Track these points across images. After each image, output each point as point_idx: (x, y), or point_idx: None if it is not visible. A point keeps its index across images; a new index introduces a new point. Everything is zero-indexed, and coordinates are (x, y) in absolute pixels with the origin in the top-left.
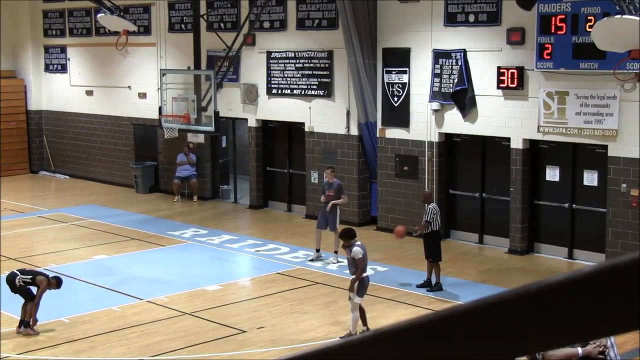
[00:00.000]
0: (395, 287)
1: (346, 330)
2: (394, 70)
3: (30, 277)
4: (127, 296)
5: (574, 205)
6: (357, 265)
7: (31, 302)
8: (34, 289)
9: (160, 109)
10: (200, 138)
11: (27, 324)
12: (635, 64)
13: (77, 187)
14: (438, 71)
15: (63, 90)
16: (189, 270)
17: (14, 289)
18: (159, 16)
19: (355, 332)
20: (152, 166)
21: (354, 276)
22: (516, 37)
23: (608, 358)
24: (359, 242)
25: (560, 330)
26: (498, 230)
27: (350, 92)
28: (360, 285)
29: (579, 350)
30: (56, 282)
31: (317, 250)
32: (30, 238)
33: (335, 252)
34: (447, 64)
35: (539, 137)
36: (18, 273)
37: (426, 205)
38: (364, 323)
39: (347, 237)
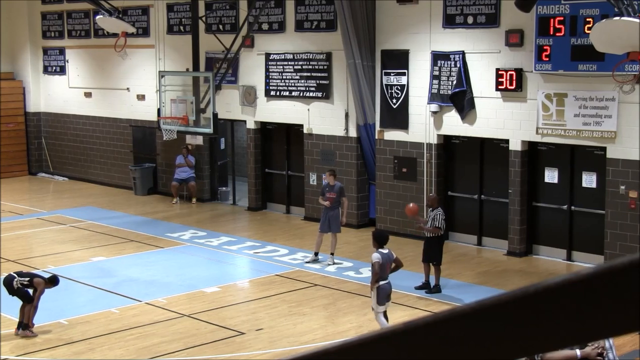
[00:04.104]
0: (393, 289)
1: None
2: (393, 72)
3: (28, 279)
4: (126, 298)
5: (572, 207)
6: (373, 271)
7: (29, 304)
8: (31, 291)
9: (158, 110)
10: (199, 140)
11: (25, 326)
12: (634, 65)
13: (75, 188)
14: (437, 73)
15: (62, 92)
16: (188, 272)
17: (12, 291)
18: (158, 18)
19: None
20: (150, 168)
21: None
22: (515, 38)
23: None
24: (385, 251)
25: (558, 332)
26: (496, 232)
27: (348, 94)
28: (378, 294)
29: (578, 352)
30: (52, 284)
31: (316, 254)
32: (29, 240)
33: (332, 254)
34: (445, 65)
35: (537, 139)
36: (15, 275)
37: (431, 209)
38: None
39: (374, 240)
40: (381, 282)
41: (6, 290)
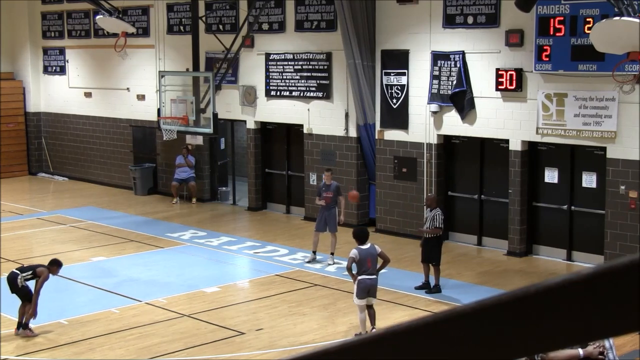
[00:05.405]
0: (393, 289)
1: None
2: (393, 72)
3: (31, 272)
4: (126, 298)
5: (572, 207)
6: (346, 266)
7: (30, 303)
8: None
9: (158, 110)
10: (199, 140)
11: (25, 325)
12: (634, 65)
13: (75, 188)
14: (437, 73)
15: (62, 92)
16: (188, 272)
17: (15, 288)
18: (158, 18)
19: (363, 332)
20: (150, 168)
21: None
22: (515, 38)
23: (607, 359)
24: (364, 246)
25: (558, 332)
26: (497, 232)
27: (349, 94)
28: (357, 287)
29: (580, 351)
30: (57, 267)
31: (314, 252)
32: (29, 240)
33: (332, 253)
34: (445, 65)
35: (537, 139)
36: (19, 272)
37: (430, 209)
38: (372, 322)
39: (354, 238)
40: (361, 277)
41: (9, 287)
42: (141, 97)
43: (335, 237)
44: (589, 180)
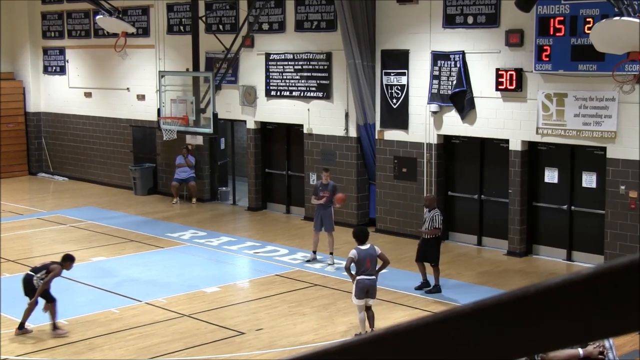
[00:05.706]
0: (393, 289)
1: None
2: (393, 72)
3: (45, 271)
4: (126, 298)
5: (572, 207)
6: (345, 266)
7: (51, 303)
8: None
9: (158, 110)
10: (199, 140)
11: (53, 326)
12: (634, 65)
13: (75, 188)
14: (437, 73)
15: (62, 92)
16: (188, 272)
17: (30, 289)
18: (158, 18)
19: (363, 332)
20: (150, 168)
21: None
22: (515, 38)
23: (607, 359)
24: (364, 247)
25: (558, 332)
26: (496, 232)
27: (349, 94)
28: (356, 287)
29: (580, 351)
30: (70, 262)
31: (314, 252)
32: (29, 240)
33: (331, 253)
34: (445, 65)
35: (537, 139)
36: (33, 273)
37: (429, 210)
38: (370, 325)
39: (354, 237)
40: (360, 277)
41: (23, 289)
42: (141, 97)
43: (332, 237)
44: (589, 180)
